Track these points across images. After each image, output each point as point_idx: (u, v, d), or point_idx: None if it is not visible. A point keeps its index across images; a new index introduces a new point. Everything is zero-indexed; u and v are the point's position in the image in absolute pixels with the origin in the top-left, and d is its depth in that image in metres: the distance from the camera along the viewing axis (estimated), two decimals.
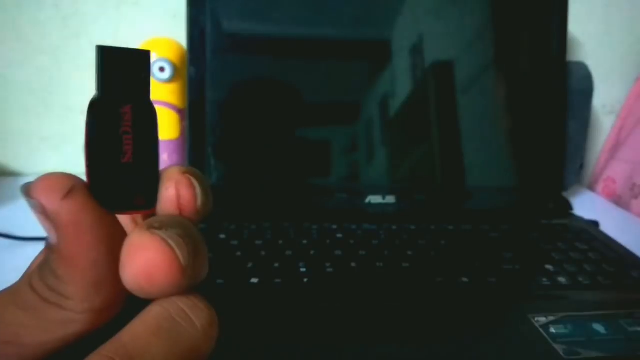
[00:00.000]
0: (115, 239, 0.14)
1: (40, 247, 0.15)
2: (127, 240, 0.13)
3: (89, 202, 0.13)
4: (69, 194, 0.13)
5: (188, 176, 0.15)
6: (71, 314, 0.14)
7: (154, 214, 0.15)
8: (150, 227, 0.13)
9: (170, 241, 0.13)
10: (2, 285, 0.15)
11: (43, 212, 0.13)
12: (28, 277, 0.14)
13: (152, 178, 0.15)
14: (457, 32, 0.47)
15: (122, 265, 0.13)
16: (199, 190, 0.15)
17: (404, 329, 0.28)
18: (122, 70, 0.14)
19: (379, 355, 0.26)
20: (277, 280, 0.32)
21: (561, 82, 0.49)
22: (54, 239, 0.13)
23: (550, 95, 0.49)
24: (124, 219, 0.17)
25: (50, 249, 0.14)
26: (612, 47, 0.61)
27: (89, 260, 0.13)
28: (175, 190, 0.15)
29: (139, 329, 0.13)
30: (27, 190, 0.13)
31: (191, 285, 0.14)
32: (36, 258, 0.16)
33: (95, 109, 0.14)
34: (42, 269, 0.14)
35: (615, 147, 0.61)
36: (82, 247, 0.13)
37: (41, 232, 0.14)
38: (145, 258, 0.13)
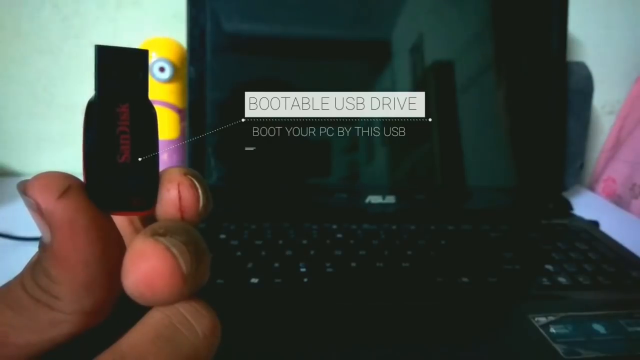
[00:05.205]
0: (109, 240, 0.14)
1: None
2: (131, 246, 0.13)
3: (84, 202, 0.13)
4: (64, 193, 0.13)
5: (190, 177, 0.15)
6: (60, 314, 0.14)
7: (151, 215, 0.15)
8: (155, 234, 0.13)
9: (173, 249, 0.13)
10: None
11: (38, 211, 0.13)
12: (20, 277, 0.14)
13: (150, 179, 0.15)
14: (457, 32, 0.47)
15: (124, 271, 0.13)
16: (200, 191, 0.15)
17: (404, 329, 0.28)
18: (118, 69, 0.14)
19: (379, 355, 0.26)
20: (277, 280, 0.32)
21: (561, 82, 0.49)
22: (47, 238, 0.13)
23: (550, 95, 0.49)
24: (120, 220, 0.16)
25: (43, 248, 0.14)
26: (612, 47, 0.61)
27: (81, 261, 0.13)
28: (177, 192, 0.15)
29: (137, 337, 0.13)
30: (24, 188, 0.13)
31: (193, 292, 0.14)
32: (32, 258, 0.16)
33: (91, 108, 0.14)
34: (34, 268, 0.14)
35: (615, 147, 0.61)
36: (75, 247, 0.13)
37: None
38: (148, 266, 0.13)
